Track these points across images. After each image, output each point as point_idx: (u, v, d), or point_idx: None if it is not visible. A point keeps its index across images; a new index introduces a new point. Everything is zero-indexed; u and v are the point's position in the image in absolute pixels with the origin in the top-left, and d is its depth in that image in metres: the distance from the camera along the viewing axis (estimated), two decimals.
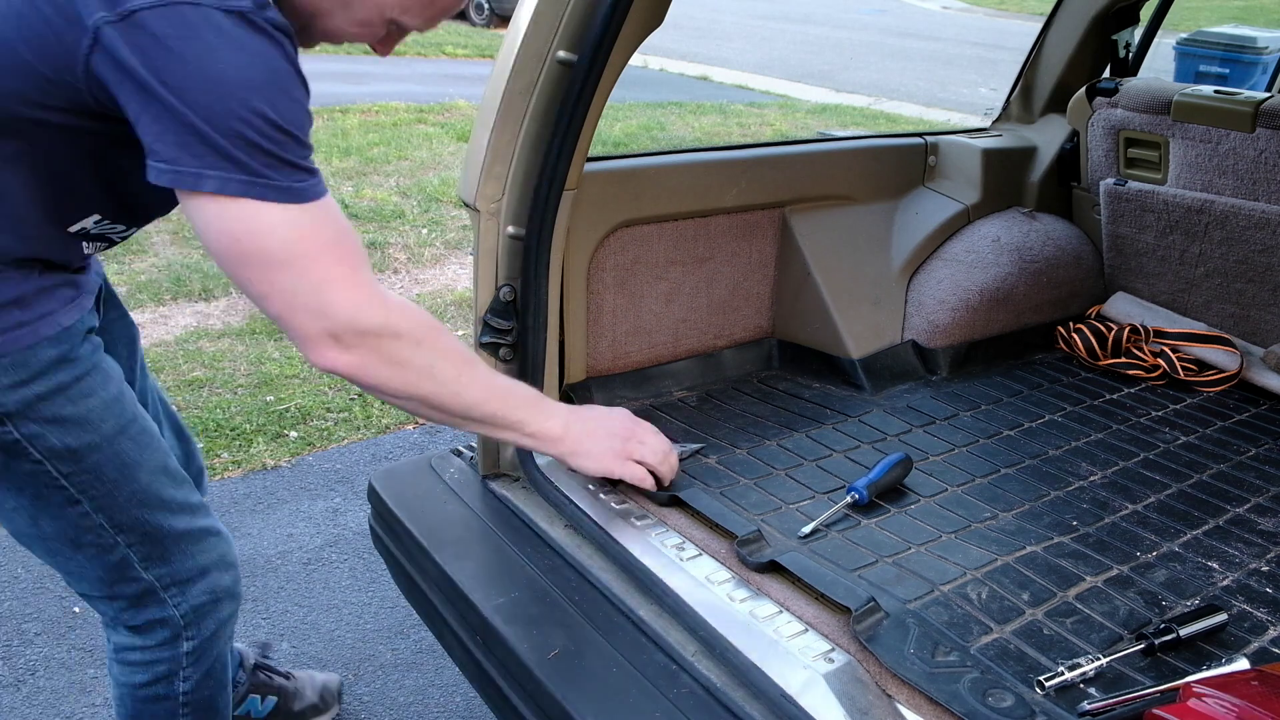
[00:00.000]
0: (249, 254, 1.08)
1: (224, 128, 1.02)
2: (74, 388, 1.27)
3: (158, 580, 1.40)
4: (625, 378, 2.07)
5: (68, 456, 1.27)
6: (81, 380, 1.27)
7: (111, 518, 1.33)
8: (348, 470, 3.00)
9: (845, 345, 2.21)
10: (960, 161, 2.47)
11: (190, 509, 1.43)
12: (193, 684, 1.49)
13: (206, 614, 1.47)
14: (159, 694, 1.49)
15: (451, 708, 2.12)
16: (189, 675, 1.48)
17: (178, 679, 1.48)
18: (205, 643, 1.48)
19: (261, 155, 1.05)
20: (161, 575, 1.40)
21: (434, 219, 5.30)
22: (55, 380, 1.24)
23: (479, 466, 1.74)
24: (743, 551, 1.48)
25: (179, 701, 1.50)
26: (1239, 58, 7.44)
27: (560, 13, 1.48)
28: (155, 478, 1.36)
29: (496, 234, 1.61)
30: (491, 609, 1.40)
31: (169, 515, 1.39)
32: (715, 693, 1.23)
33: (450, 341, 1.26)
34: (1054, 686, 1.24)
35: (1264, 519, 1.73)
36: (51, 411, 1.24)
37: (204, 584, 1.45)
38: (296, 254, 1.09)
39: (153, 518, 1.36)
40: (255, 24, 1.04)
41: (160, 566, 1.40)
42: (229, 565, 1.49)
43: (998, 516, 1.68)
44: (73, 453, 1.27)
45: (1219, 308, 2.45)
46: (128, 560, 1.37)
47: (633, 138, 7.50)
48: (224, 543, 1.49)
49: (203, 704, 1.53)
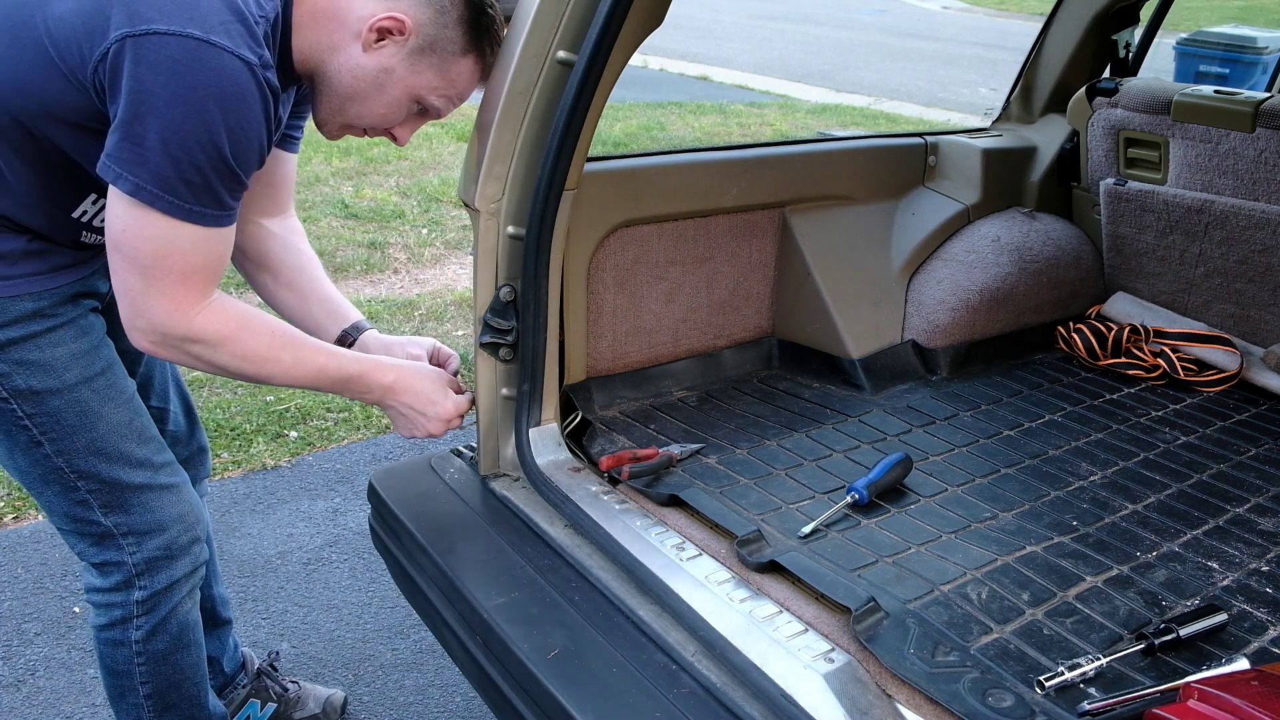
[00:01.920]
0: (125, 247, 1.25)
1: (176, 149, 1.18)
2: (44, 336, 1.39)
3: (115, 527, 1.50)
4: (625, 378, 2.07)
5: (31, 397, 1.39)
6: (54, 331, 1.40)
7: (70, 462, 1.44)
8: (348, 470, 3.00)
9: (845, 345, 2.21)
10: (960, 161, 2.47)
11: (151, 466, 1.51)
12: (144, 633, 1.57)
13: (160, 567, 1.54)
14: (116, 639, 1.58)
15: (451, 708, 2.12)
16: (141, 624, 1.56)
17: (131, 625, 1.56)
18: (157, 595, 1.55)
19: (194, 178, 1.21)
20: (119, 523, 1.50)
21: (434, 219, 5.30)
22: (28, 328, 1.37)
23: (479, 466, 1.74)
24: (743, 551, 1.48)
25: (134, 650, 1.58)
26: (1239, 58, 7.44)
27: (560, 13, 1.48)
28: (115, 430, 1.46)
29: (496, 234, 1.61)
30: (491, 609, 1.40)
31: (127, 469, 1.48)
32: (715, 693, 1.23)
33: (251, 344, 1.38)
34: (1054, 686, 1.24)
35: (1264, 519, 1.73)
36: (20, 355, 1.38)
37: (161, 538, 1.53)
38: (155, 263, 1.25)
39: (109, 468, 1.47)
40: (255, 76, 1.21)
41: (118, 514, 1.50)
42: (188, 525, 1.56)
43: (998, 516, 1.68)
44: (35, 394, 1.39)
45: (1219, 308, 2.45)
46: (88, 503, 1.48)
47: (633, 138, 7.50)
48: (185, 503, 1.56)
49: (158, 656, 1.60)
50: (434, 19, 1.35)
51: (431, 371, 1.59)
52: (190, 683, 1.66)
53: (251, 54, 1.21)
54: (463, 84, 1.43)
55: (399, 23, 1.32)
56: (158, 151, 1.18)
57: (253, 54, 1.21)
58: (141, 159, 1.19)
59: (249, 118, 1.22)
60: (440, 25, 1.36)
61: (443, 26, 1.36)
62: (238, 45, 1.19)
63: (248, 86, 1.21)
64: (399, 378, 1.54)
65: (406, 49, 1.35)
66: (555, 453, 1.75)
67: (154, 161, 1.19)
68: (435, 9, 1.35)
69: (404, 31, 1.33)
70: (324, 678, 2.19)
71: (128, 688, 1.62)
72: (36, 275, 1.38)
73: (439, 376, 1.59)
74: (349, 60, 1.34)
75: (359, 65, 1.35)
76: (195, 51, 1.16)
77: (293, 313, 1.69)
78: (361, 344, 1.68)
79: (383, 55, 1.35)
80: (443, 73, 1.39)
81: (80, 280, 1.44)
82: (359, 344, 1.68)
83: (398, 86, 1.38)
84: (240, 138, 1.22)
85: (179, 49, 1.16)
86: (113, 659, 1.60)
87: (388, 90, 1.38)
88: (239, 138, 1.22)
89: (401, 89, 1.38)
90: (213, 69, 1.17)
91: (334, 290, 1.72)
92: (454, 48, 1.38)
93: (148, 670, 1.60)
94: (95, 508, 1.48)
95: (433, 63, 1.38)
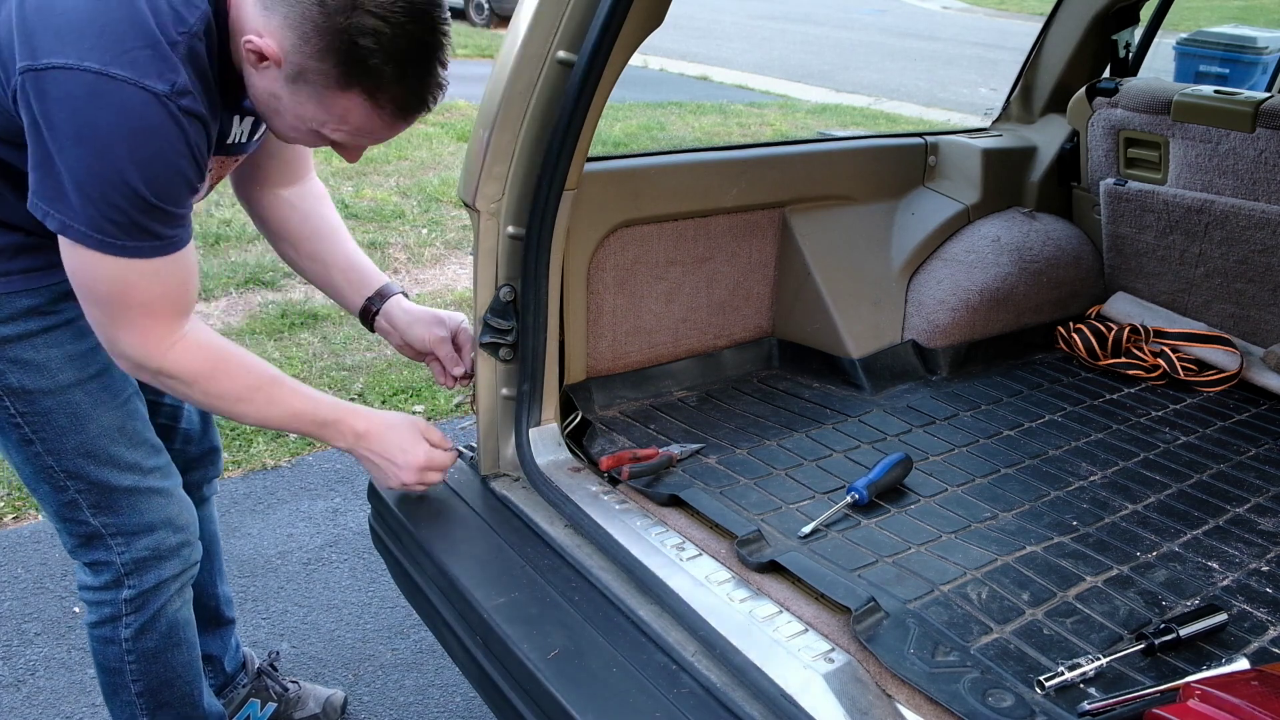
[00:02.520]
0: (80, 286, 1.25)
1: (91, 190, 1.15)
2: (40, 336, 1.38)
3: (103, 527, 1.50)
4: (625, 378, 2.07)
5: (23, 395, 1.39)
6: (50, 331, 1.39)
7: (60, 461, 1.44)
8: (348, 470, 3.00)
9: (845, 345, 2.21)
10: (960, 161, 2.47)
11: (140, 470, 1.50)
12: (133, 631, 1.57)
13: (148, 567, 1.54)
14: (106, 636, 1.58)
15: (451, 708, 2.12)
16: (130, 622, 1.56)
17: (120, 624, 1.56)
18: (145, 594, 1.55)
19: (118, 218, 1.17)
20: (107, 524, 1.50)
21: (434, 219, 5.30)
22: (25, 326, 1.37)
23: (479, 466, 1.74)
24: (743, 551, 1.48)
25: (124, 647, 1.58)
26: (1239, 58, 7.44)
27: (560, 13, 1.48)
28: (106, 433, 1.45)
29: (496, 234, 1.61)
30: (491, 609, 1.40)
31: (115, 472, 1.47)
32: (715, 693, 1.23)
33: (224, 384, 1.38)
34: (1054, 686, 1.24)
35: (1264, 519, 1.73)
36: (15, 353, 1.37)
37: (149, 539, 1.52)
38: (112, 299, 1.25)
39: (98, 470, 1.46)
40: (165, 106, 1.14)
41: (107, 515, 1.49)
42: (178, 528, 1.55)
43: (998, 516, 1.68)
44: (27, 393, 1.39)
45: (1219, 308, 2.45)
46: (77, 503, 1.48)
47: (633, 138, 7.50)
48: (174, 505, 1.55)
49: (148, 654, 1.60)
50: (298, 46, 1.17)
51: (406, 420, 1.55)
52: (183, 681, 1.66)
53: (160, 83, 1.13)
54: (356, 121, 1.25)
55: (259, 48, 1.18)
56: (74, 192, 1.14)
57: (162, 82, 1.13)
58: (62, 197, 1.15)
59: (163, 151, 1.16)
60: (305, 55, 1.17)
61: (308, 57, 1.17)
62: (143, 75, 1.11)
63: (156, 118, 1.13)
64: (370, 426, 1.51)
65: (283, 76, 1.20)
66: (555, 453, 1.75)
67: (75, 201, 1.15)
68: (298, 35, 1.16)
69: (269, 58, 1.18)
70: (324, 678, 2.19)
71: (120, 685, 1.62)
72: (34, 271, 1.36)
73: (413, 425, 1.55)
74: (249, 77, 1.24)
75: (253, 84, 1.24)
76: (95, 86, 1.10)
77: (317, 279, 1.69)
78: (386, 312, 1.67)
79: (266, 79, 1.22)
80: (324, 107, 1.23)
81: None
82: (384, 312, 1.67)
83: (288, 113, 1.25)
84: (156, 173, 1.16)
85: (77, 85, 1.10)
86: (104, 656, 1.60)
87: (282, 116, 1.26)
88: (154, 173, 1.16)
89: (292, 116, 1.25)
90: (114, 105, 1.11)
91: (357, 255, 1.69)
92: (327, 81, 1.19)
93: (139, 668, 1.60)
94: (84, 508, 1.48)
95: (310, 95, 1.21)
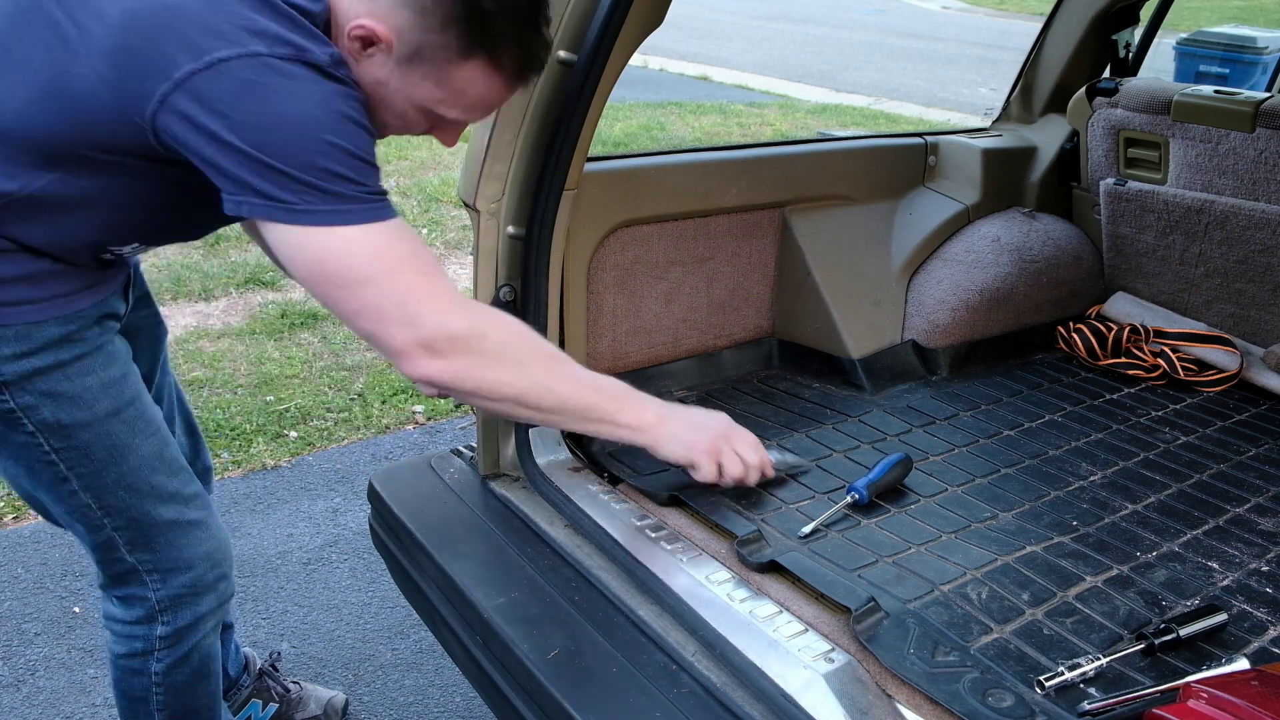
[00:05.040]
0: (334, 275, 1.15)
1: (302, 163, 1.09)
2: (73, 365, 1.30)
3: (139, 564, 1.44)
4: (625, 377, 2.05)
5: (59, 431, 1.30)
6: (82, 359, 1.31)
7: (98, 498, 1.37)
8: (348, 470, 3.00)
9: (845, 345, 2.21)
10: (960, 161, 2.47)
11: (181, 499, 1.44)
12: (165, 666, 1.53)
13: (185, 605, 1.49)
14: (135, 668, 1.53)
15: (451, 708, 2.12)
16: (162, 657, 1.52)
17: (152, 658, 1.52)
18: (181, 630, 1.51)
19: (339, 181, 1.12)
20: (144, 560, 1.44)
21: (434, 219, 5.30)
22: (56, 356, 1.28)
23: (479, 466, 1.74)
24: (743, 551, 1.48)
25: (152, 680, 1.54)
26: (1239, 58, 7.43)
27: (560, 13, 1.48)
28: (146, 463, 1.39)
29: (496, 234, 1.61)
30: (491, 609, 1.40)
31: (157, 502, 1.41)
32: (715, 693, 1.23)
33: (535, 340, 1.32)
34: (1054, 686, 1.24)
35: (1264, 519, 1.73)
36: (48, 385, 1.28)
37: (187, 576, 1.47)
38: (379, 270, 1.16)
39: (140, 503, 1.39)
40: (329, 74, 1.12)
41: (144, 552, 1.43)
42: (215, 563, 1.51)
43: (998, 516, 1.68)
44: (63, 428, 1.30)
45: (1219, 308, 2.45)
46: (113, 542, 1.41)
47: (633, 138, 7.50)
48: (213, 539, 1.50)
49: (177, 688, 1.56)
50: (415, 23, 1.16)
51: None
52: (206, 709, 1.63)
53: (322, 55, 1.12)
54: (476, 92, 1.23)
55: (371, 31, 1.16)
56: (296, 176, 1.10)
57: (323, 54, 1.12)
58: (285, 185, 1.10)
59: (348, 111, 1.13)
60: (424, 30, 1.16)
61: (427, 31, 1.16)
62: (303, 52, 1.11)
63: (330, 85, 1.12)
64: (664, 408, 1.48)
65: (394, 59, 1.18)
66: (555, 452, 1.75)
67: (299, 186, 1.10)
68: (415, 11, 1.15)
69: (381, 40, 1.17)
70: (324, 678, 2.19)
71: (143, 713, 1.57)
72: (64, 297, 1.27)
73: None
74: (353, 69, 1.20)
75: (358, 75, 1.20)
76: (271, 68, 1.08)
77: None
78: None
79: (373, 66, 1.19)
80: (442, 83, 1.21)
81: (103, 301, 1.34)
82: None
83: (397, 98, 1.22)
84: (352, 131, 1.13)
85: (253, 70, 1.07)
86: (129, 685, 1.55)
87: (390, 103, 1.23)
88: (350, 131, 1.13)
89: (403, 101, 1.22)
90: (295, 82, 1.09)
91: None
92: (447, 54, 1.18)
93: (165, 699, 1.56)
94: (120, 545, 1.41)
95: (427, 73, 1.20)
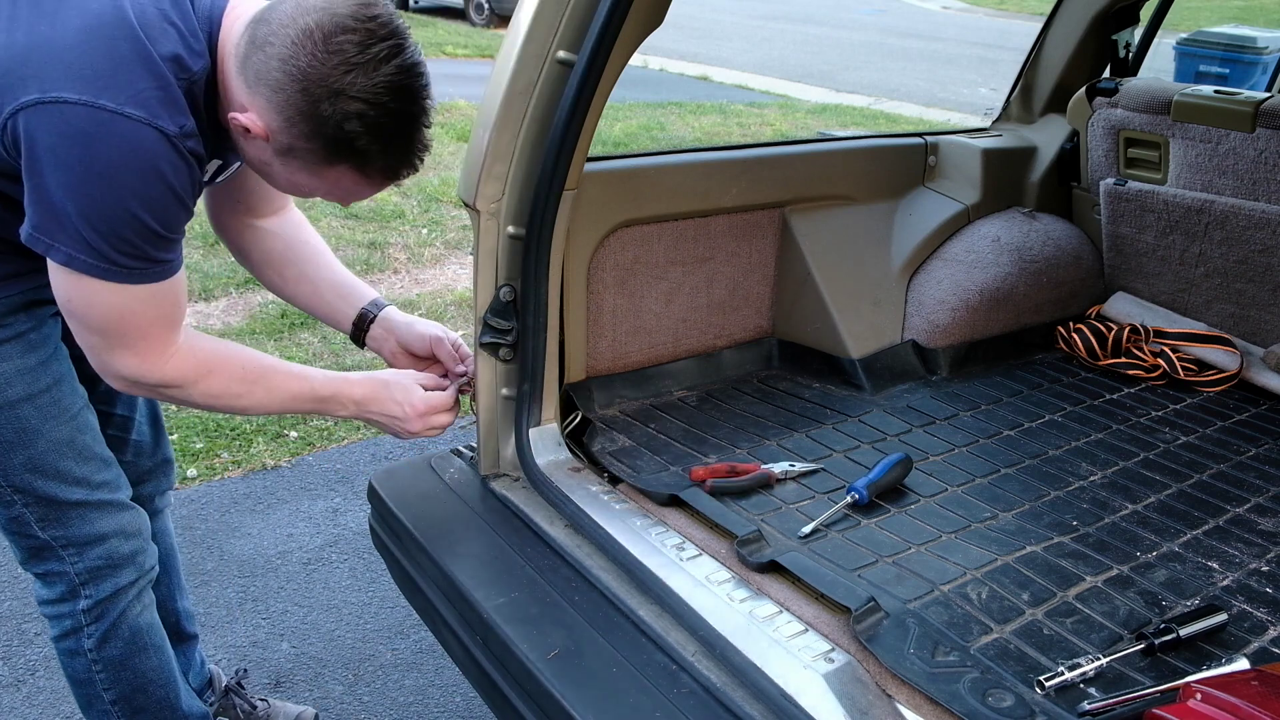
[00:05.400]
0: (77, 314, 1.26)
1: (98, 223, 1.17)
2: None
3: (53, 540, 1.49)
4: (625, 378, 2.07)
5: None
6: (0, 345, 1.36)
7: (6, 477, 1.42)
8: (348, 470, 3.00)
9: (845, 345, 2.21)
10: (960, 161, 2.47)
11: (89, 484, 1.49)
12: (95, 641, 1.56)
13: (103, 576, 1.53)
14: (71, 649, 1.57)
15: (451, 708, 2.12)
16: (91, 632, 1.55)
17: (82, 635, 1.55)
18: (102, 603, 1.54)
19: (124, 248, 1.20)
20: (57, 536, 1.49)
21: (434, 219, 5.30)
22: None
23: (479, 466, 1.74)
24: (743, 551, 1.48)
25: (89, 658, 1.57)
26: (1239, 58, 7.44)
27: (560, 13, 1.48)
28: (54, 449, 1.44)
29: (496, 234, 1.61)
30: (491, 609, 1.40)
31: (63, 487, 1.46)
32: (715, 693, 1.23)
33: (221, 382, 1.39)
34: (1054, 686, 1.24)
35: (1264, 519, 1.73)
36: None
37: (101, 549, 1.51)
38: (111, 325, 1.27)
39: (46, 486, 1.44)
40: (174, 146, 1.19)
41: (56, 529, 1.48)
42: (129, 535, 1.54)
43: (998, 516, 1.68)
44: None
45: (1219, 308, 2.45)
46: (24, 518, 1.46)
47: (633, 138, 7.50)
48: (125, 514, 1.54)
49: (115, 662, 1.59)
50: (283, 128, 1.21)
51: (395, 375, 1.59)
52: (156, 685, 1.64)
53: (171, 124, 1.17)
54: (347, 185, 1.29)
55: (246, 125, 1.22)
56: (82, 225, 1.16)
57: (172, 124, 1.17)
58: (67, 230, 1.17)
59: (171, 186, 1.20)
60: (291, 136, 1.21)
61: (295, 138, 1.22)
62: (155, 115, 1.15)
63: (166, 157, 1.17)
64: (366, 390, 1.55)
65: (271, 149, 1.24)
66: (555, 453, 1.75)
67: (81, 233, 1.17)
68: (283, 119, 1.20)
69: (256, 135, 1.22)
70: (324, 678, 2.19)
71: (93, 695, 1.61)
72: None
73: (404, 377, 1.59)
74: (240, 145, 1.28)
75: (244, 152, 1.30)
76: (108, 123, 1.13)
77: (307, 304, 1.69)
78: (384, 318, 1.68)
79: (255, 149, 1.26)
80: (316, 176, 1.28)
81: (34, 289, 1.38)
82: (381, 318, 1.68)
83: (280, 179, 1.30)
84: (164, 206, 1.20)
85: (89, 121, 1.12)
86: (73, 669, 1.59)
87: (275, 179, 1.31)
88: (161, 206, 1.20)
89: (285, 181, 1.30)
90: (127, 142, 1.14)
91: (344, 273, 1.70)
92: (315, 158, 1.24)
93: (108, 677, 1.59)
94: (31, 522, 1.46)
95: (300, 166, 1.26)
